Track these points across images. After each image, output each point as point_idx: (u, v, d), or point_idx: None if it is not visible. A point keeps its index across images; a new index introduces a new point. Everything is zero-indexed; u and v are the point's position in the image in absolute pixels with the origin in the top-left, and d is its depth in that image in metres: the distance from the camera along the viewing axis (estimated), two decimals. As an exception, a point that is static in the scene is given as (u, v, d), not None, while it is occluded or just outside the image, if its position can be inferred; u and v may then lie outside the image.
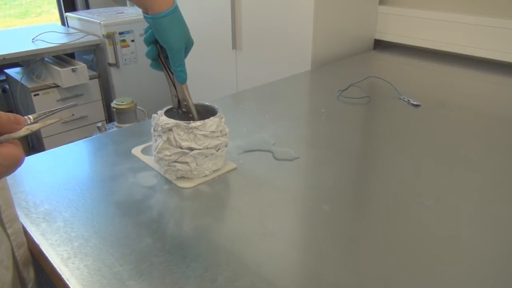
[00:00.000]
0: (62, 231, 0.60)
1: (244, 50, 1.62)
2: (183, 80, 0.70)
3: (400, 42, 1.60)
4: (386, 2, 1.61)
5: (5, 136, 0.37)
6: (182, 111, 0.73)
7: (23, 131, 0.39)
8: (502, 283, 0.52)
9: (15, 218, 0.59)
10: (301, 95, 1.23)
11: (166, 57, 0.70)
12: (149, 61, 0.71)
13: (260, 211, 0.65)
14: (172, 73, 0.70)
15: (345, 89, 1.16)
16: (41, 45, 2.18)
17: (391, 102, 1.10)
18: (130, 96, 1.96)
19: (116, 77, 2.41)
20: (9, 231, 0.57)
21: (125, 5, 2.83)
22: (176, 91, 0.72)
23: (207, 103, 0.76)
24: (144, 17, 0.66)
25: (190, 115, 0.72)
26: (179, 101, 0.73)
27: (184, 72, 0.69)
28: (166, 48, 0.67)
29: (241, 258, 0.55)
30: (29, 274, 0.62)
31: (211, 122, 0.69)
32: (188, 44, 0.69)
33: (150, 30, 0.68)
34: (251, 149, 0.84)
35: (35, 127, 0.41)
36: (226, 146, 0.74)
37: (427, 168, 0.78)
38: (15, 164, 0.36)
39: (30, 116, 0.42)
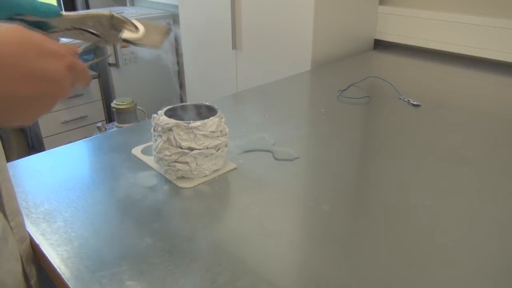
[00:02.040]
0: (62, 231, 0.60)
1: (244, 50, 1.62)
2: (56, 9, 0.55)
3: (400, 42, 1.60)
4: (386, 2, 1.61)
5: None
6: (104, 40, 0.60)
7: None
8: (502, 283, 0.52)
9: (18, 211, 0.58)
10: (301, 95, 1.23)
11: (45, 28, 0.55)
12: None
13: (260, 211, 0.65)
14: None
15: (345, 89, 1.16)
16: (41, 45, 2.18)
17: (391, 102, 1.10)
18: (130, 96, 1.96)
19: (116, 77, 2.41)
20: (12, 223, 0.57)
21: (125, 5, 2.82)
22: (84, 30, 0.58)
23: (207, 103, 0.76)
24: None
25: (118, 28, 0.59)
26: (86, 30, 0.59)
27: (47, 4, 0.53)
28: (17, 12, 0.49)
29: (241, 258, 0.55)
30: (32, 270, 0.61)
31: (211, 122, 0.69)
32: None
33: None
34: (251, 149, 0.84)
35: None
36: (226, 146, 0.74)
37: (427, 168, 0.78)
38: (86, 75, 0.44)
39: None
